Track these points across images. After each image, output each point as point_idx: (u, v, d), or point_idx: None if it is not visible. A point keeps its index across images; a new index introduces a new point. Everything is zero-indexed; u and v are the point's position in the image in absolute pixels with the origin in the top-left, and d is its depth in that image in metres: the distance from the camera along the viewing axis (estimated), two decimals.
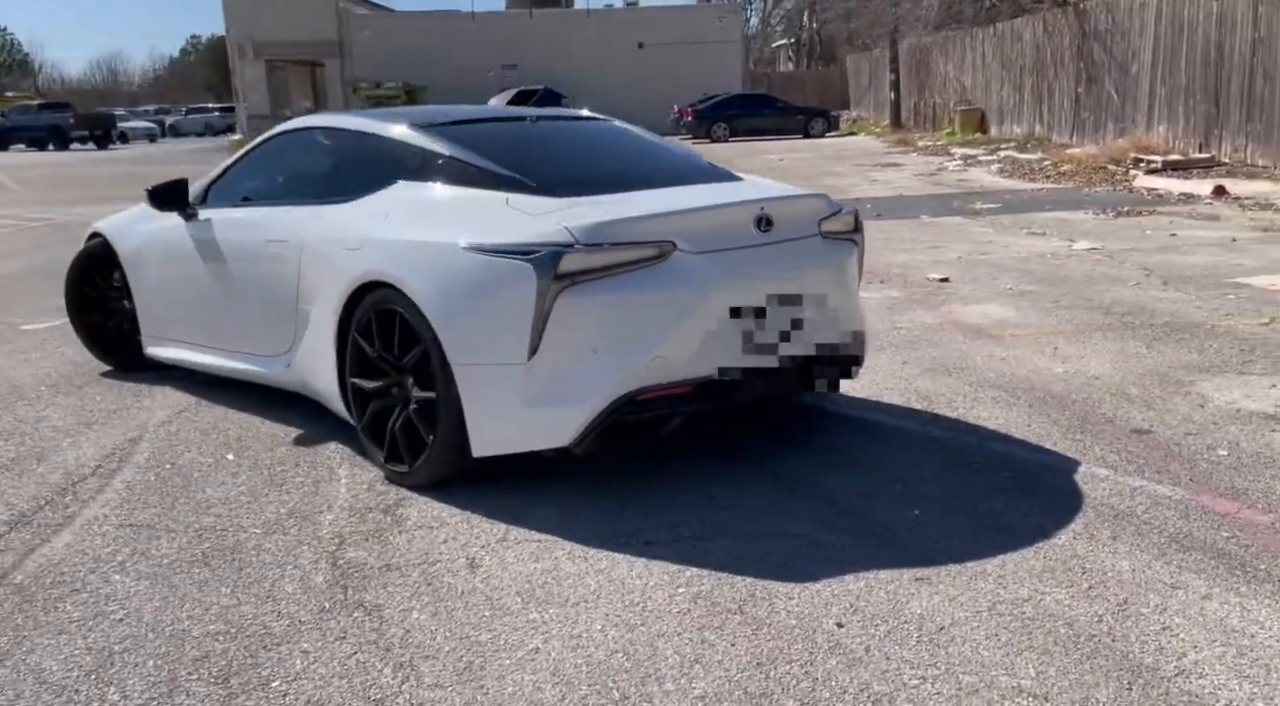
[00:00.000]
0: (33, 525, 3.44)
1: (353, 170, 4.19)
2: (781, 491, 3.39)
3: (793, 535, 3.05)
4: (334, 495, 3.59)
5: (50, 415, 4.74)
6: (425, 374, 3.51)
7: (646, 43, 41.72)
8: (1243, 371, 4.47)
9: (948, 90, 26.88)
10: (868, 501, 3.27)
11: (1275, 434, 3.66)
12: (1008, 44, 22.53)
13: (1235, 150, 13.93)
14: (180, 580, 2.98)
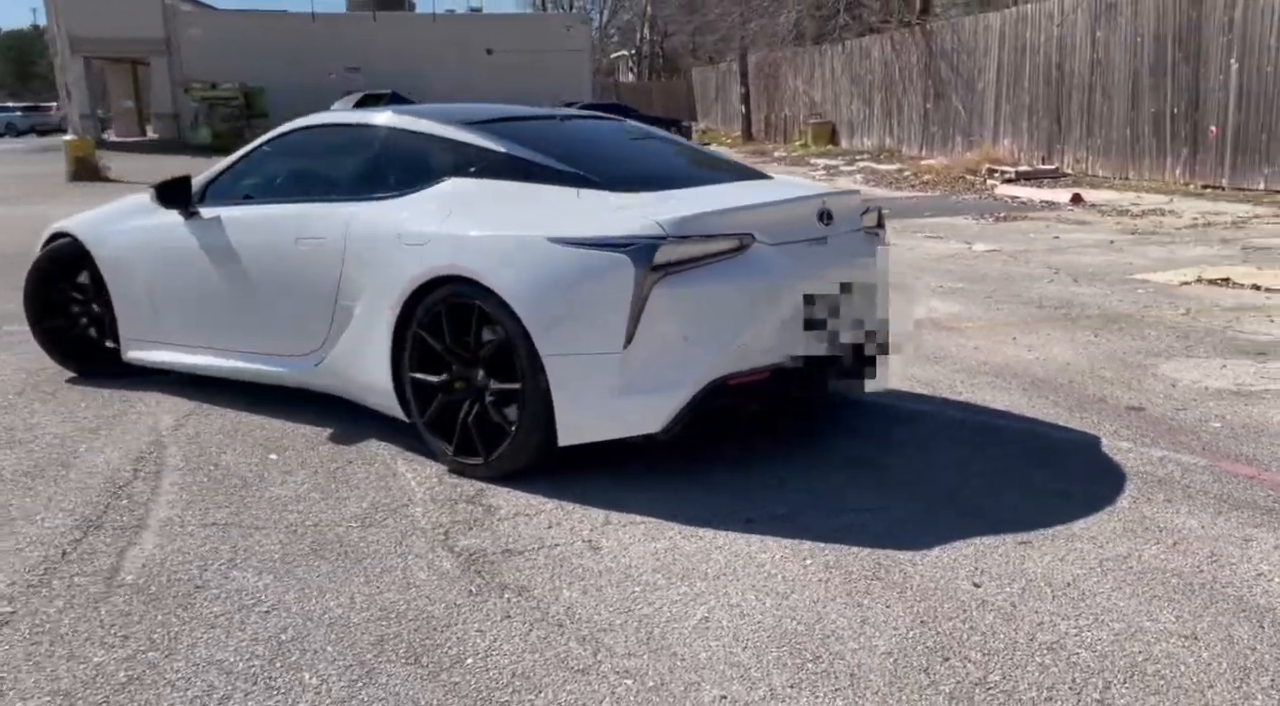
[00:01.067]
0: (105, 529, 3.34)
1: (391, 167, 4.20)
2: (845, 472, 3.64)
3: (877, 509, 3.30)
4: (408, 489, 3.62)
5: (42, 422, 4.53)
6: (505, 366, 3.59)
7: (495, 49, 41.57)
8: (1189, 355, 5.03)
9: (798, 103, 28.03)
10: (931, 476, 3.56)
11: (1252, 407, 4.17)
12: (857, 61, 23.73)
13: (1077, 162, 15.20)
14: (304, 573, 2.98)
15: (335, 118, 4.65)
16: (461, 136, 4.09)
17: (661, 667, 2.42)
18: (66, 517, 3.45)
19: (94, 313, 5.34)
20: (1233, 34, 12.06)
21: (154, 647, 2.59)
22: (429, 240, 3.74)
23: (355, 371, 4.10)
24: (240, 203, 4.62)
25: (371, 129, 4.38)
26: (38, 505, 3.57)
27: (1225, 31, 12.16)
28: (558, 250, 3.43)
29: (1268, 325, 5.60)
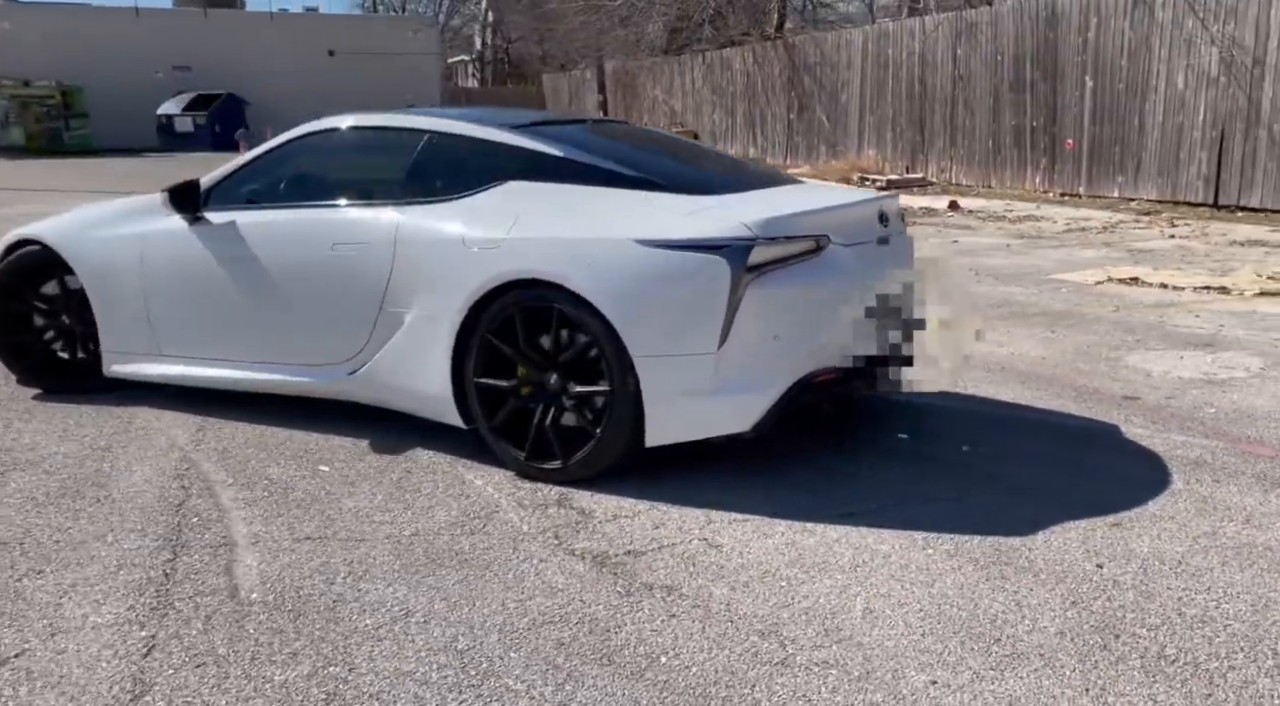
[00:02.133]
0: (192, 548, 3.20)
1: (435, 171, 4.14)
2: (909, 465, 3.82)
3: (959, 499, 3.47)
4: (487, 496, 3.59)
5: (39, 442, 4.25)
6: (585, 369, 3.61)
7: (338, 51, 40.43)
8: (1146, 348, 5.49)
9: (657, 112, 28.47)
10: (992, 466, 3.78)
11: (1231, 394, 4.61)
12: (718, 72, 24.33)
13: (941, 171, 16.12)
14: (436, 582, 2.94)
15: (362, 121, 4.52)
16: (512, 140, 4.07)
17: (856, 657, 2.51)
18: (141, 538, 3.27)
19: (63, 325, 5.01)
20: (1087, 54, 13.09)
21: (331, 662, 2.52)
22: (500, 244, 3.71)
23: (403, 378, 4.02)
24: (254, 207, 4.44)
25: (407, 132, 4.29)
26: (99, 527, 3.37)
27: (1080, 52, 13.19)
28: (647, 252, 3.48)
29: (1194, 319, 6.16)
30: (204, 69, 37.87)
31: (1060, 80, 13.54)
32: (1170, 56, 11.93)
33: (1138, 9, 12.30)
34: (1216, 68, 11.37)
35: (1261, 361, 5.14)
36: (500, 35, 55.64)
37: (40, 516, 3.48)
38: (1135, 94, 12.44)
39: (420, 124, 4.29)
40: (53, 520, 3.44)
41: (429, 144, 4.21)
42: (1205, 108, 11.57)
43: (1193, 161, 11.80)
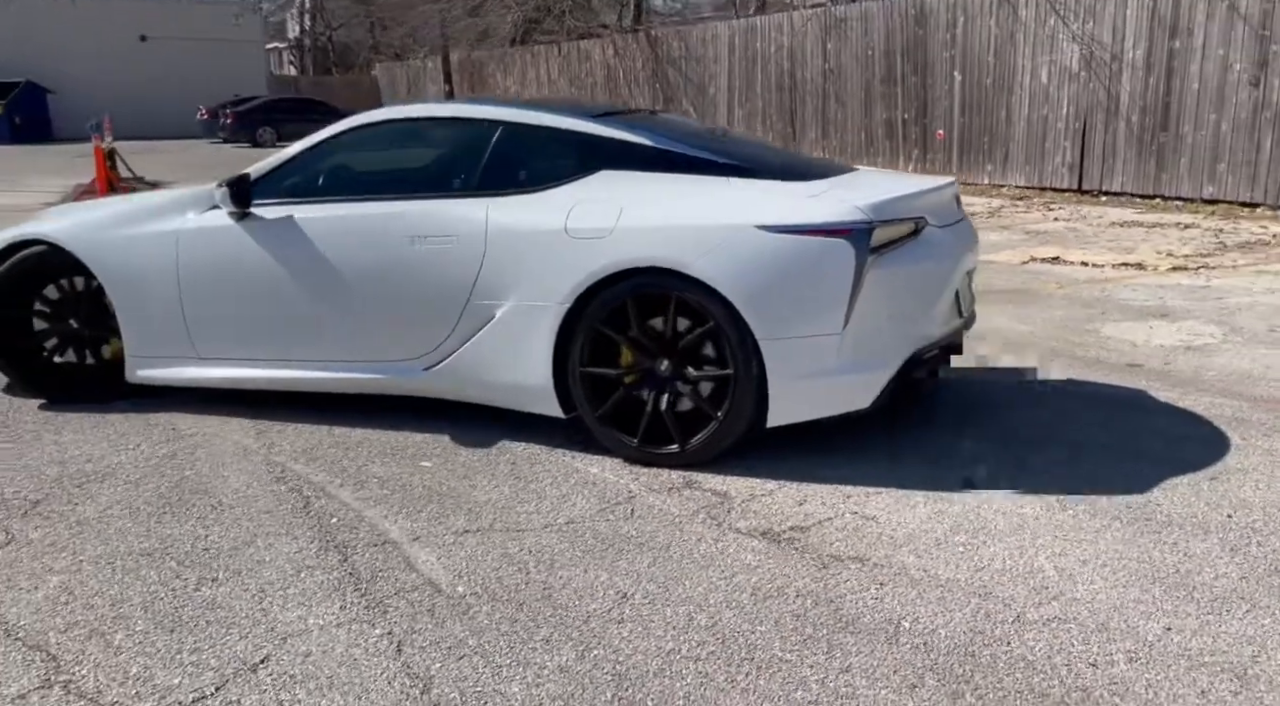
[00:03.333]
0: (355, 548, 3.15)
1: (516, 162, 4.11)
2: (990, 437, 4.03)
3: (1064, 462, 3.72)
4: (614, 482, 3.65)
5: (96, 454, 4.03)
6: (698, 352, 3.71)
7: (151, 36, 38.11)
8: (1112, 320, 6.00)
9: None
10: (1070, 430, 4.06)
11: (1217, 358, 5.11)
12: (576, 63, 24.41)
13: None
14: (629, 566, 3.00)
15: (426, 112, 4.43)
16: (597, 130, 4.10)
17: (1082, 611, 2.68)
18: (294, 541, 3.20)
19: (69, 330, 4.70)
20: (955, 50, 13.94)
21: (591, 646, 2.56)
22: (609, 233, 3.75)
23: (493, 371, 4.01)
24: (310, 201, 4.29)
25: (478, 123, 4.23)
26: (240, 533, 3.26)
27: (948, 48, 14.03)
28: (770, 237, 3.59)
29: (1133, 293, 6.76)
30: None
31: (930, 74, 14.36)
32: (1034, 53, 12.87)
33: (1002, 8, 13.20)
34: (1078, 64, 12.35)
35: (1219, 328, 5.73)
36: (321, 21, 53.70)
37: (165, 526, 3.32)
38: (1002, 88, 13.35)
39: (493, 114, 4.24)
40: (183, 529, 3.29)
41: (506, 135, 4.17)
42: (1068, 101, 12.55)
43: (1058, 150, 12.78)
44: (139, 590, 2.91)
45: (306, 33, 55.57)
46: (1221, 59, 10.82)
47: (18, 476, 3.82)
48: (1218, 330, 5.70)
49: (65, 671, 2.51)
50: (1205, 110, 11.07)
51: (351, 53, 50.99)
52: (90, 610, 2.81)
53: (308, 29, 55.16)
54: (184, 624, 2.72)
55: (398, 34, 43.10)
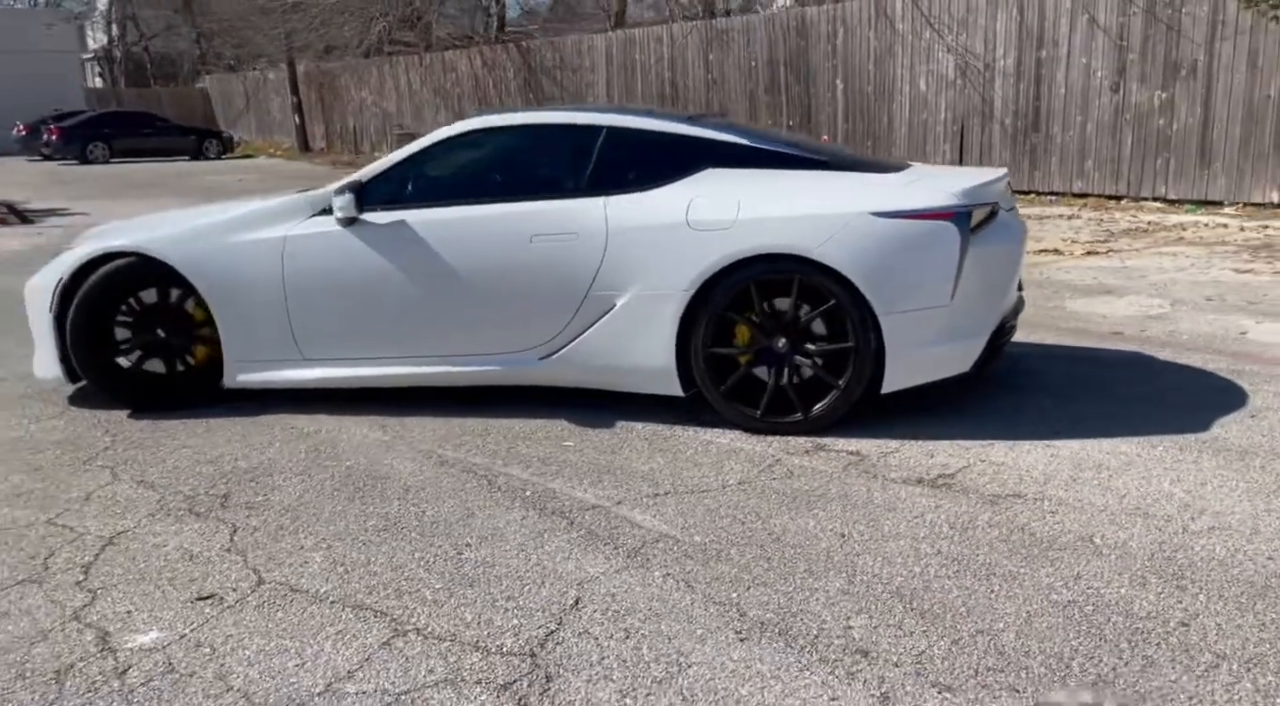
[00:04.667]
0: (580, 526, 3.43)
1: (624, 163, 4.45)
2: (1045, 394, 4.62)
3: (1120, 412, 4.30)
4: (755, 450, 4.04)
5: (242, 453, 4.16)
6: (812, 329, 4.15)
7: None
8: (1070, 298, 6.79)
9: (366, 115, 27.91)
10: (1118, 389, 4.66)
11: (1178, 324, 5.89)
12: (440, 74, 24.38)
13: None
14: (828, 515, 3.40)
15: (527, 119, 4.71)
16: (696, 132, 4.49)
17: (1229, 522, 3.20)
18: (511, 511, 3.49)
19: (156, 339, 4.73)
20: (837, 60, 14.90)
21: (855, 572, 2.95)
22: (731, 225, 4.14)
23: (614, 357, 4.34)
24: (418, 206, 4.52)
25: (581, 129, 4.55)
26: (453, 509, 3.51)
27: (830, 58, 14.98)
28: (883, 222, 4.07)
29: (1068, 275, 7.62)
30: None
31: (813, 83, 15.27)
32: (913, 63, 13.94)
33: (880, 21, 14.22)
34: (954, 72, 13.47)
35: (1163, 300, 6.61)
36: (134, 31, 51.01)
37: (373, 506, 3.56)
38: (883, 95, 14.37)
39: (596, 120, 4.57)
40: (394, 508, 3.54)
41: (609, 139, 4.51)
42: (946, 106, 13.66)
43: (938, 151, 13.87)
44: (407, 558, 3.15)
45: (116, 43, 52.66)
46: (1085, 67, 12.09)
47: (180, 476, 3.92)
48: (1163, 302, 6.57)
49: (407, 622, 2.75)
50: (1072, 113, 12.32)
51: (174, 64, 48.68)
52: (375, 577, 3.03)
53: (117, 39, 52.28)
54: (478, 581, 2.98)
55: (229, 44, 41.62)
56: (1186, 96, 11.25)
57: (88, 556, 3.26)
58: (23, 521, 3.55)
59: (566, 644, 2.63)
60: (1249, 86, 10.73)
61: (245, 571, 3.12)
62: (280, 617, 2.83)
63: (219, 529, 3.44)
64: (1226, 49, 10.84)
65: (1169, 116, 11.44)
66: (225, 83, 38.23)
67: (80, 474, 3.99)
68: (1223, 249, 8.66)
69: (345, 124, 29.19)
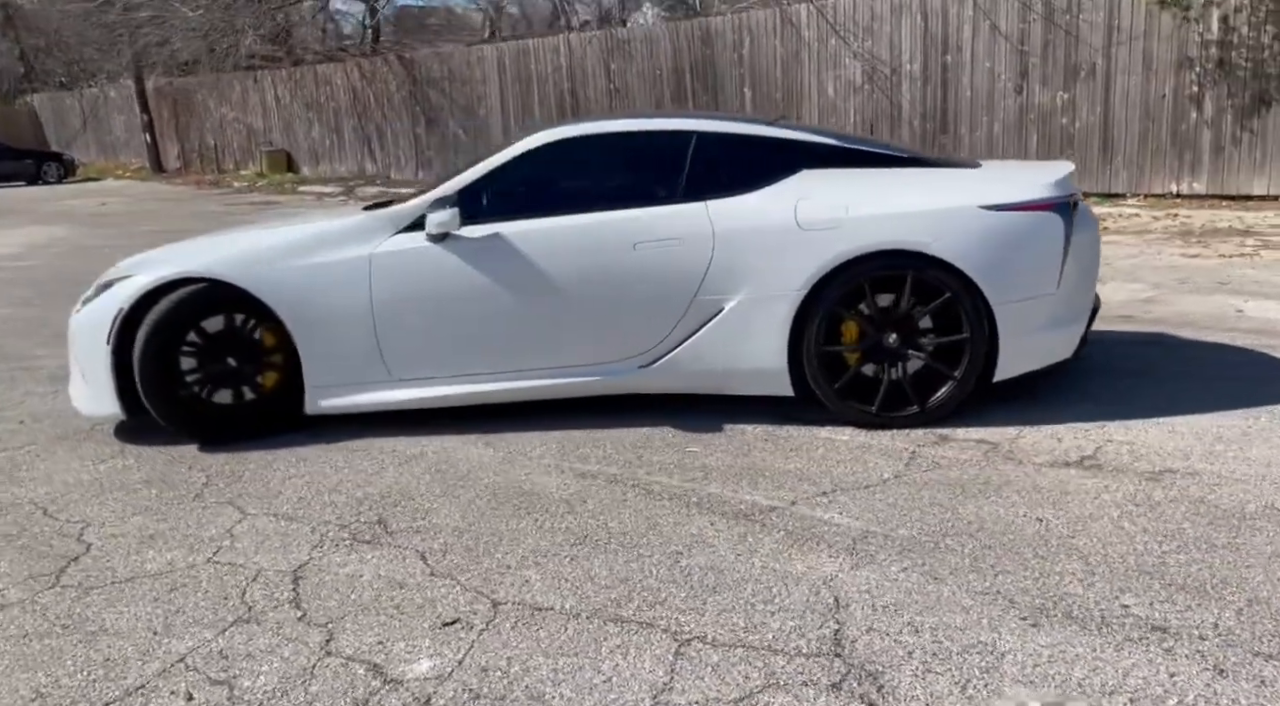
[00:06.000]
0: (769, 517, 3.44)
1: (721, 168, 4.48)
2: (1127, 376, 4.90)
3: (1205, 389, 4.57)
4: (891, 447, 4.13)
5: (359, 480, 3.94)
6: (925, 322, 4.28)
7: None
8: None
9: (228, 131, 26.74)
10: (1196, 369, 4.96)
11: (1173, 305, 6.32)
12: (313, 88, 23.58)
13: None
14: (1004, 501, 3.53)
15: (609, 128, 4.67)
16: (786, 134, 4.58)
17: None
18: (698, 519, 3.48)
19: (226, 368, 4.45)
20: (744, 68, 15.23)
21: (1089, 553, 3.07)
22: (841, 224, 4.23)
23: (721, 361, 4.38)
24: (509, 218, 4.44)
25: (671, 135, 4.56)
26: (636, 522, 3.49)
27: (737, 66, 15.30)
28: (993, 215, 4.22)
29: None
30: None
31: (720, 91, 15.56)
32: (820, 69, 14.39)
33: (786, 29, 14.63)
34: (861, 77, 13.98)
35: (1142, 285, 7.07)
36: None
37: (562, 520, 3.50)
38: (792, 100, 14.78)
39: (683, 126, 4.58)
40: (583, 522, 3.48)
41: (701, 144, 4.52)
42: (855, 110, 14.16)
43: None
44: (626, 569, 3.13)
45: None
46: (989, 70, 12.77)
47: (315, 508, 3.75)
48: (1143, 286, 7.03)
49: (682, 632, 2.72)
50: (979, 114, 12.99)
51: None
52: (608, 589, 3.01)
53: None
54: (719, 586, 2.98)
55: (59, 61, 39.11)
56: (1087, 97, 12.03)
57: (284, 592, 3.07)
58: (181, 563, 3.31)
59: (864, 642, 2.65)
60: (1145, 87, 11.57)
61: (469, 594, 3.01)
62: (546, 636, 2.75)
63: (405, 555, 3.30)
64: (1123, 53, 11.66)
65: (1071, 116, 12.21)
66: (57, 101, 35.89)
67: (201, 511, 3.75)
68: (1152, 236, 9.31)
69: (204, 142, 27.88)
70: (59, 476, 4.20)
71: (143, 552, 3.41)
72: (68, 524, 3.69)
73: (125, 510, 3.80)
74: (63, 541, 3.54)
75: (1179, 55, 11.26)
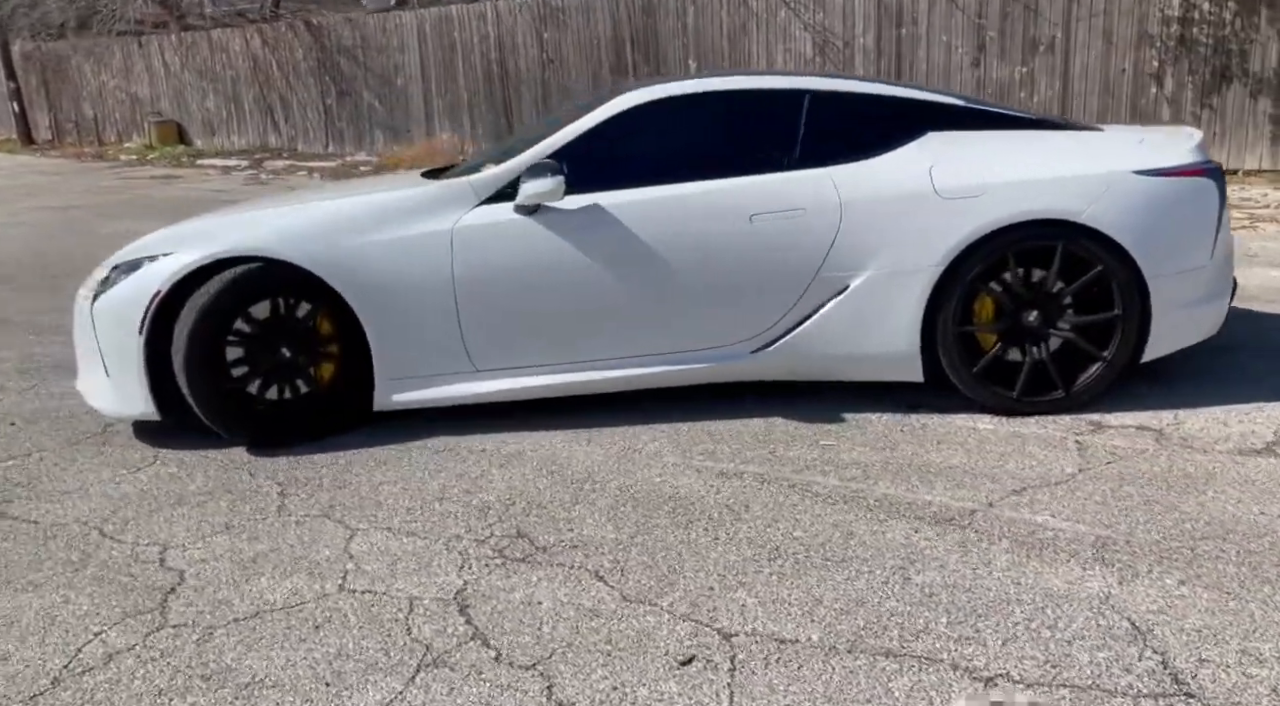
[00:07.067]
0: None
1: (840, 130, 4.06)
2: (1205, 355, 4.69)
3: None
4: (1045, 435, 3.81)
5: (456, 494, 3.36)
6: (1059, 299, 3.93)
7: None
8: None
9: (109, 100, 24.88)
10: None
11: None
12: (207, 54, 22.07)
13: None
14: (1217, 493, 3.22)
15: (711, 86, 4.17)
16: (909, 94, 4.17)
17: None
18: (893, 524, 3.05)
19: (281, 360, 3.81)
20: (688, 38, 14.76)
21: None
22: (984, 190, 3.84)
23: (845, 344, 3.97)
24: (607, 188, 3.94)
25: (781, 95, 4.10)
26: (819, 528, 3.05)
27: (680, 35, 14.81)
28: (1147, 181, 3.88)
29: None
30: None
31: (663, 63, 15.05)
32: (769, 40, 14.04)
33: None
34: (812, 50, 13.69)
35: None
36: None
37: (704, 533, 3.00)
38: None
39: (794, 84, 4.13)
40: (746, 531, 3.01)
41: (815, 104, 4.07)
42: None
43: None
44: (854, 590, 2.70)
45: None
46: (945, 44, 12.63)
47: (434, 520, 3.20)
48: None
49: (972, 667, 2.31)
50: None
51: None
52: (847, 615, 2.57)
53: None
54: (979, 609, 2.59)
55: None
56: (1046, 71, 12.01)
57: (457, 625, 2.55)
58: (309, 593, 2.76)
59: (1207, 676, 2.27)
60: (1105, 62, 11.60)
61: (686, 625, 2.55)
62: (814, 675, 2.32)
63: (577, 576, 2.80)
64: (1083, 28, 11.65)
65: (1030, 89, 12.17)
66: None
67: (296, 528, 3.16)
68: None
69: (80, 112, 25.91)
70: (95, 488, 3.51)
71: (253, 580, 2.81)
72: (139, 547, 3.05)
73: (201, 528, 3.17)
74: (144, 569, 2.90)
75: (1139, 30, 11.31)
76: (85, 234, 9.93)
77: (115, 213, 11.69)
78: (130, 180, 16.74)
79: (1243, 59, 10.81)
